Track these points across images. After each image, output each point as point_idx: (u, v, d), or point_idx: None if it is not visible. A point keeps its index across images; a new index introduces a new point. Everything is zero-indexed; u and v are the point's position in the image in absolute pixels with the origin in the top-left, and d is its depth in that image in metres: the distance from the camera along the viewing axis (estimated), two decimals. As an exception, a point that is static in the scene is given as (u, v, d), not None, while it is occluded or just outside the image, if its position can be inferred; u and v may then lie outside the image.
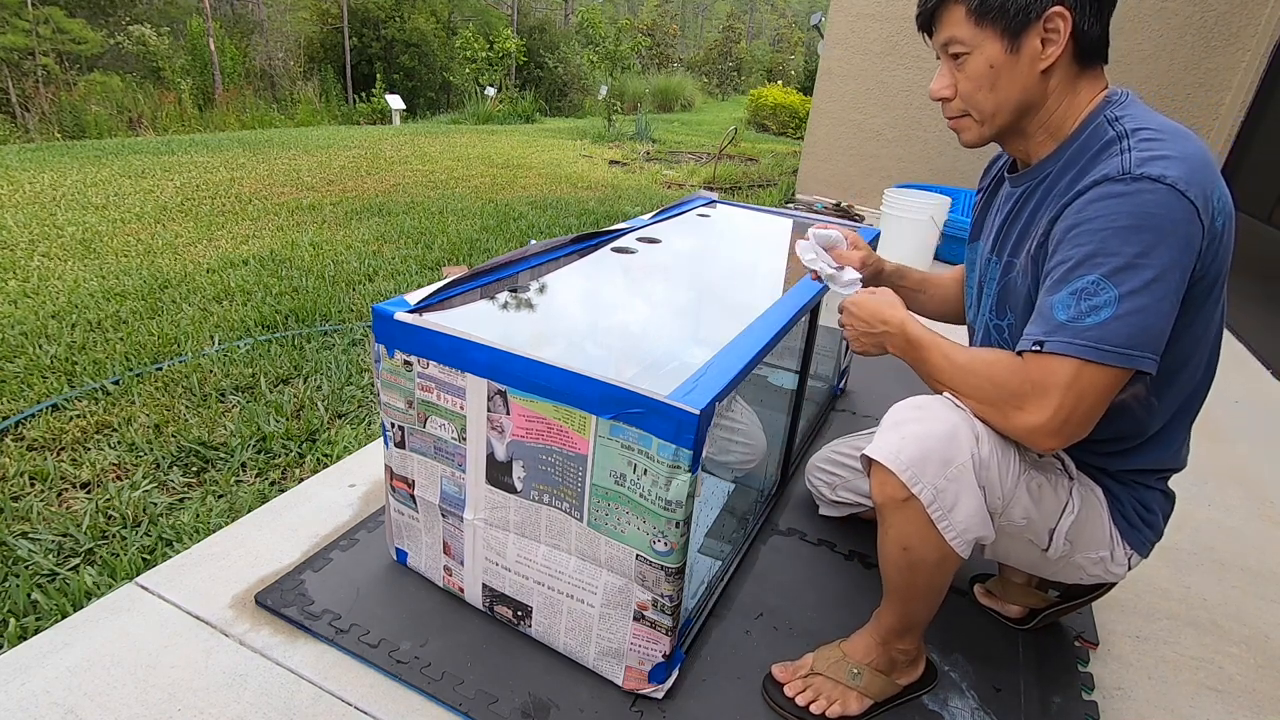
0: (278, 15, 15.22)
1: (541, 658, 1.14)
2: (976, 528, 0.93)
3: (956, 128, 1.01)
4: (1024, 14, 0.89)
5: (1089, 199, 0.85)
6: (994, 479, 0.94)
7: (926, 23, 0.98)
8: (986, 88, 0.94)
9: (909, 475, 0.91)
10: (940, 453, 0.91)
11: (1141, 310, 0.81)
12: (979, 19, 0.91)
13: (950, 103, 0.99)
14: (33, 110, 9.85)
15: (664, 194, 5.54)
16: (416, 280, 3.12)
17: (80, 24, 12.03)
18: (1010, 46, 0.91)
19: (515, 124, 10.74)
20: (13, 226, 3.49)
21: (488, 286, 1.28)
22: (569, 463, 0.99)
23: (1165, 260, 0.81)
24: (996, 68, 0.92)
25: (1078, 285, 0.84)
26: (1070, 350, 0.83)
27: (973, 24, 0.91)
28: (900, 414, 0.96)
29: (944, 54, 0.97)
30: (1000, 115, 0.96)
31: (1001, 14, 0.89)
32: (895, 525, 0.95)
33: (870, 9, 4.64)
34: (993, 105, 0.95)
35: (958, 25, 0.93)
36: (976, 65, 0.93)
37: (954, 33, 0.93)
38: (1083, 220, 0.85)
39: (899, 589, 1.02)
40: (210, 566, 1.29)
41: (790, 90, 13.23)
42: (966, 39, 0.92)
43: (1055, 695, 1.17)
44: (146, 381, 2.08)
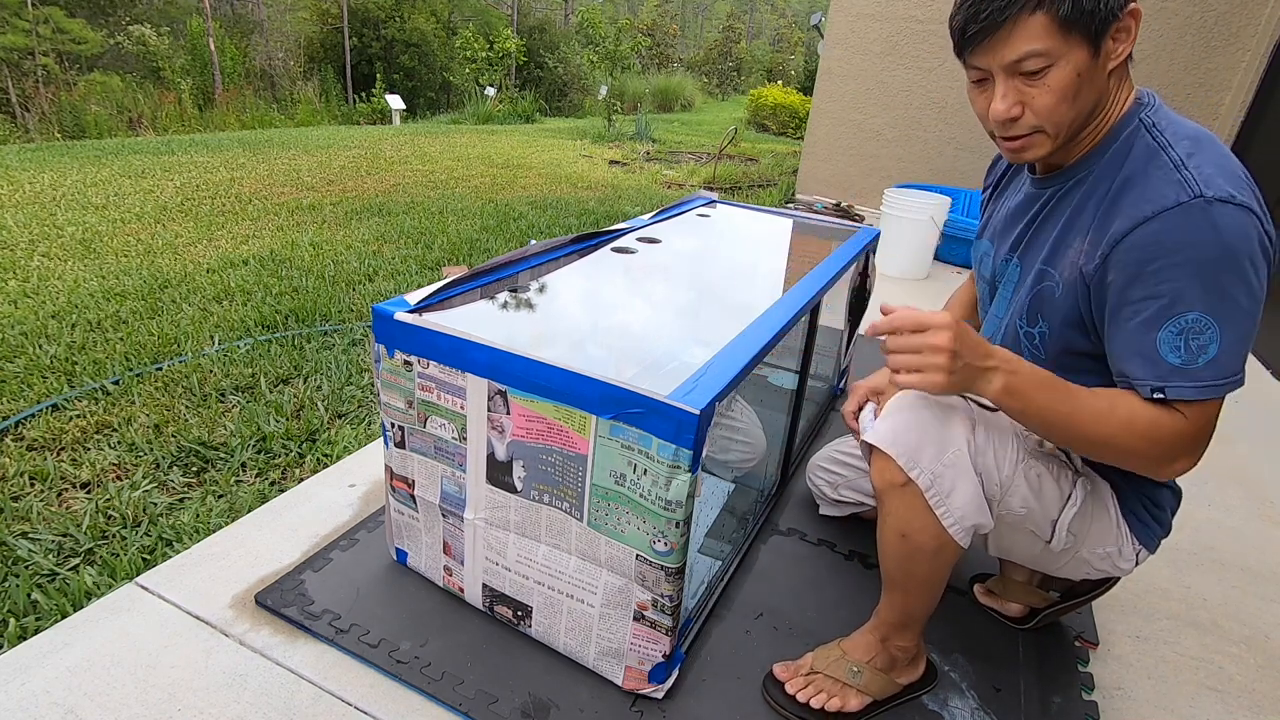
0: (278, 15, 15.22)
1: (541, 658, 1.14)
2: (974, 514, 0.94)
3: (1022, 146, 0.92)
4: (1111, 13, 0.83)
5: (1164, 226, 0.82)
6: (990, 465, 0.95)
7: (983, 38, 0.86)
8: (1072, 99, 0.87)
9: (906, 460, 0.91)
10: (936, 438, 0.92)
11: (1240, 338, 0.82)
12: (1067, 27, 0.82)
13: (1019, 120, 0.90)
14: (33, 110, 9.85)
15: (664, 194, 5.54)
16: (416, 280, 3.12)
17: (80, 24, 12.03)
18: (1095, 50, 0.85)
19: (515, 124, 10.74)
20: (13, 226, 3.49)
21: (488, 286, 1.28)
22: (569, 463, 0.99)
23: (1254, 280, 0.82)
24: (1084, 76, 0.85)
25: (1181, 324, 0.82)
26: (1197, 395, 0.83)
27: (1059, 33, 0.83)
28: (898, 402, 0.97)
29: (1005, 72, 0.87)
30: (1075, 125, 0.90)
31: (1092, 17, 0.82)
32: (894, 511, 0.96)
33: (870, 9, 4.64)
34: (1073, 116, 0.89)
35: (1039, 37, 0.83)
36: (1063, 77, 0.85)
37: (1033, 46, 0.84)
38: (1164, 252, 0.82)
39: (897, 581, 1.03)
40: (210, 566, 1.29)
41: (790, 90, 13.23)
42: (1051, 50, 0.83)
43: (1055, 695, 1.17)
44: (146, 381, 2.08)
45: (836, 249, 1.74)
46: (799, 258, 1.78)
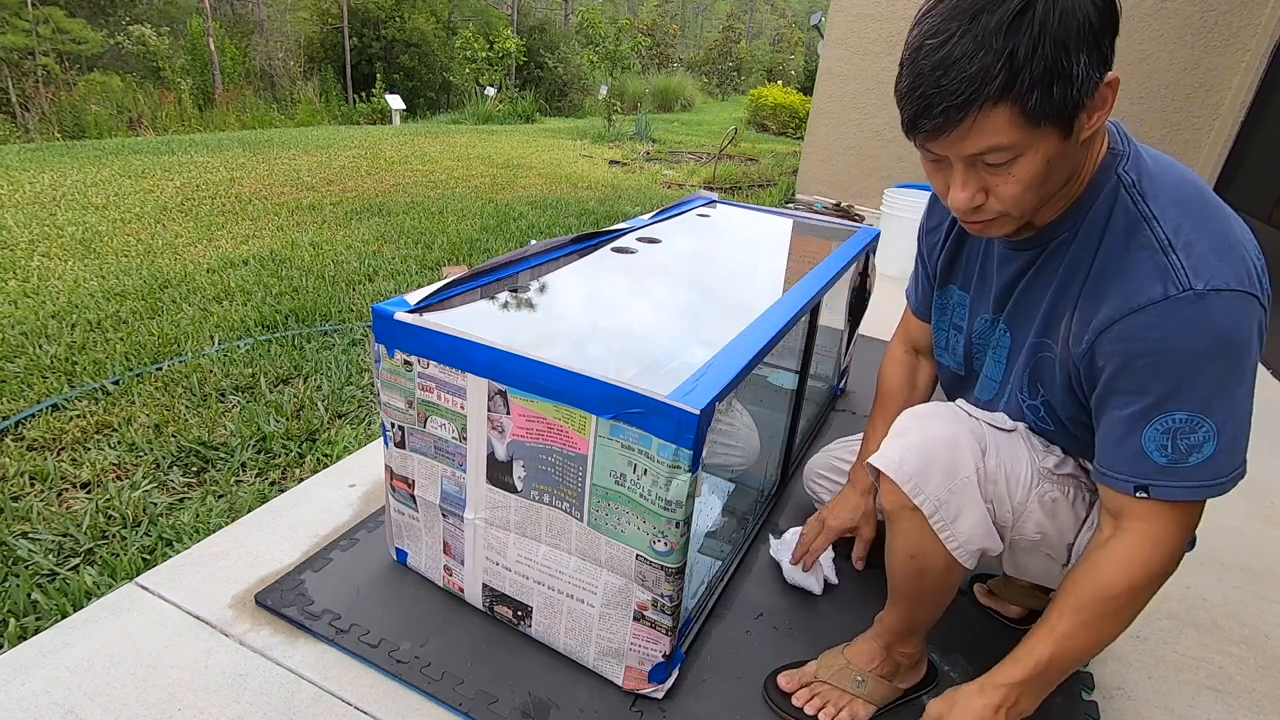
0: (278, 15, 15.22)
1: (541, 658, 1.14)
2: (980, 539, 0.92)
3: (984, 228, 0.85)
4: (1085, 93, 0.72)
5: (1150, 321, 0.76)
6: (1002, 493, 0.93)
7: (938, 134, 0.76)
8: (1038, 186, 0.78)
9: (911, 486, 0.90)
10: (943, 464, 0.90)
11: (1240, 432, 0.78)
12: (1035, 119, 0.72)
13: (982, 207, 0.82)
14: (33, 110, 9.85)
15: (664, 194, 5.54)
16: (416, 280, 3.12)
17: (80, 24, 12.03)
18: (1066, 135, 0.75)
19: (515, 124, 10.74)
20: (13, 226, 3.49)
21: (488, 286, 1.28)
22: (569, 462, 0.99)
23: (1249, 365, 0.76)
24: (1054, 161, 0.76)
25: (1168, 424, 0.78)
26: (1184, 496, 0.80)
27: (1026, 125, 0.72)
28: (904, 423, 0.95)
29: (964, 162, 0.78)
30: (1042, 204, 0.83)
31: (1064, 105, 0.72)
32: (902, 533, 0.94)
33: (870, 9, 4.64)
34: (1039, 199, 0.81)
35: (1002, 131, 0.73)
36: (1031, 167, 0.76)
37: (996, 140, 0.74)
38: (1149, 349, 0.77)
39: (905, 593, 1.01)
40: (210, 566, 1.29)
41: (790, 90, 13.24)
42: (1017, 143, 0.74)
43: (1055, 695, 1.17)
44: (146, 381, 2.08)
45: (836, 249, 1.74)
46: (799, 258, 1.78)
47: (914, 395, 1.26)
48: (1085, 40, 0.70)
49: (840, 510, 1.28)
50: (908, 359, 1.28)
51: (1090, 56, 0.71)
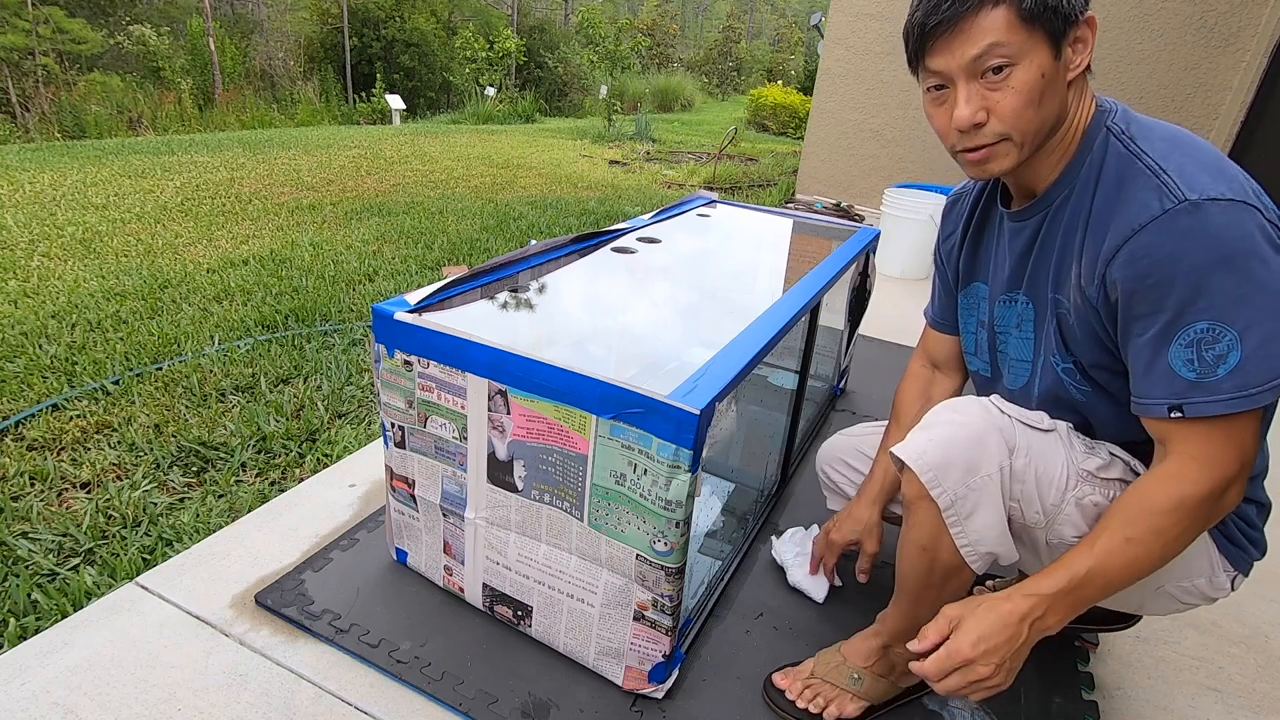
0: (278, 15, 15.22)
1: (541, 658, 1.14)
2: (991, 542, 0.91)
3: (986, 156, 0.87)
4: (1069, 16, 0.80)
5: (1152, 239, 0.78)
6: (1030, 494, 0.91)
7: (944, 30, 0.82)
8: (1036, 103, 0.82)
9: (930, 478, 0.89)
10: (965, 459, 0.88)
11: (1268, 338, 0.75)
12: (1030, 21, 0.79)
13: (983, 128, 0.85)
14: (33, 110, 9.84)
15: (664, 194, 5.54)
16: (416, 280, 3.12)
17: (80, 24, 12.03)
18: (1056, 53, 0.81)
19: (515, 124, 10.74)
20: (13, 226, 3.49)
21: (488, 286, 1.28)
22: (569, 462, 0.99)
23: (1264, 274, 0.75)
24: (1047, 77, 0.81)
25: (1191, 335, 0.77)
26: (1219, 409, 0.77)
27: (1022, 28, 0.79)
28: (935, 415, 0.93)
29: (966, 73, 0.83)
30: (1040, 135, 0.86)
31: (1054, 15, 0.79)
32: (919, 524, 0.93)
33: (870, 9, 4.64)
34: (1038, 123, 0.84)
35: (1001, 30, 0.79)
36: (1028, 77, 0.81)
37: (997, 39, 0.79)
38: (1156, 265, 0.77)
39: (911, 590, 1.00)
40: (210, 566, 1.29)
41: (790, 90, 13.24)
42: (1015, 45, 0.79)
43: (1055, 695, 1.17)
44: (146, 381, 2.08)
45: (836, 249, 1.74)
46: (799, 258, 1.78)
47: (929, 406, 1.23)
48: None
49: (844, 524, 1.27)
50: (924, 373, 1.26)
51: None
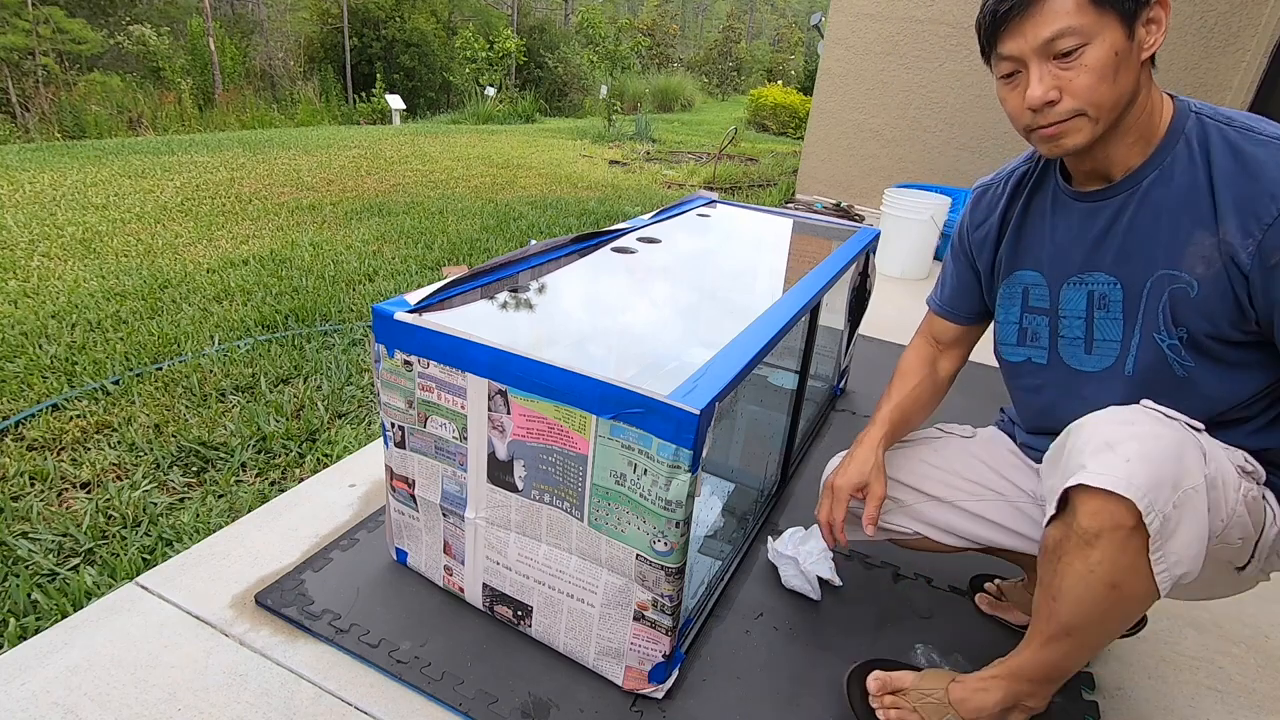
0: (278, 15, 15.22)
1: (541, 658, 1.14)
2: (1189, 560, 0.80)
3: (1059, 132, 0.87)
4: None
5: None
6: (1219, 499, 0.83)
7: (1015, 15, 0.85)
8: (1110, 79, 0.83)
9: (1146, 504, 0.76)
10: (1171, 475, 0.78)
11: None
12: (1100, 2, 0.81)
13: (1057, 105, 0.86)
14: (33, 110, 9.84)
15: (664, 194, 5.54)
16: (416, 280, 3.12)
17: (80, 24, 12.02)
18: (1129, 32, 0.83)
19: (515, 124, 10.74)
20: (13, 226, 3.49)
21: (488, 286, 1.28)
22: (569, 462, 0.99)
23: None
24: (1121, 55, 0.82)
25: None
26: None
27: (1092, 9, 0.81)
28: (1109, 432, 0.82)
29: (1038, 55, 0.85)
30: (1115, 110, 0.86)
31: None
32: (1109, 559, 0.80)
33: (870, 9, 4.64)
34: (1114, 99, 0.85)
35: (1071, 13, 0.82)
36: (1100, 55, 0.82)
37: (1068, 23, 0.82)
38: None
39: (1078, 633, 0.86)
40: (210, 566, 1.29)
41: (790, 90, 13.24)
42: (1086, 27, 0.81)
43: (1055, 695, 1.17)
44: (146, 381, 2.08)
45: (836, 249, 1.74)
46: (799, 258, 1.78)
47: (931, 374, 1.22)
48: None
49: (848, 468, 1.11)
50: (927, 349, 1.24)
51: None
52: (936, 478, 1.15)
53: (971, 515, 1.12)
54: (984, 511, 1.12)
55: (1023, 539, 1.11)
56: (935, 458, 1.17)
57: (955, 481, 1.14)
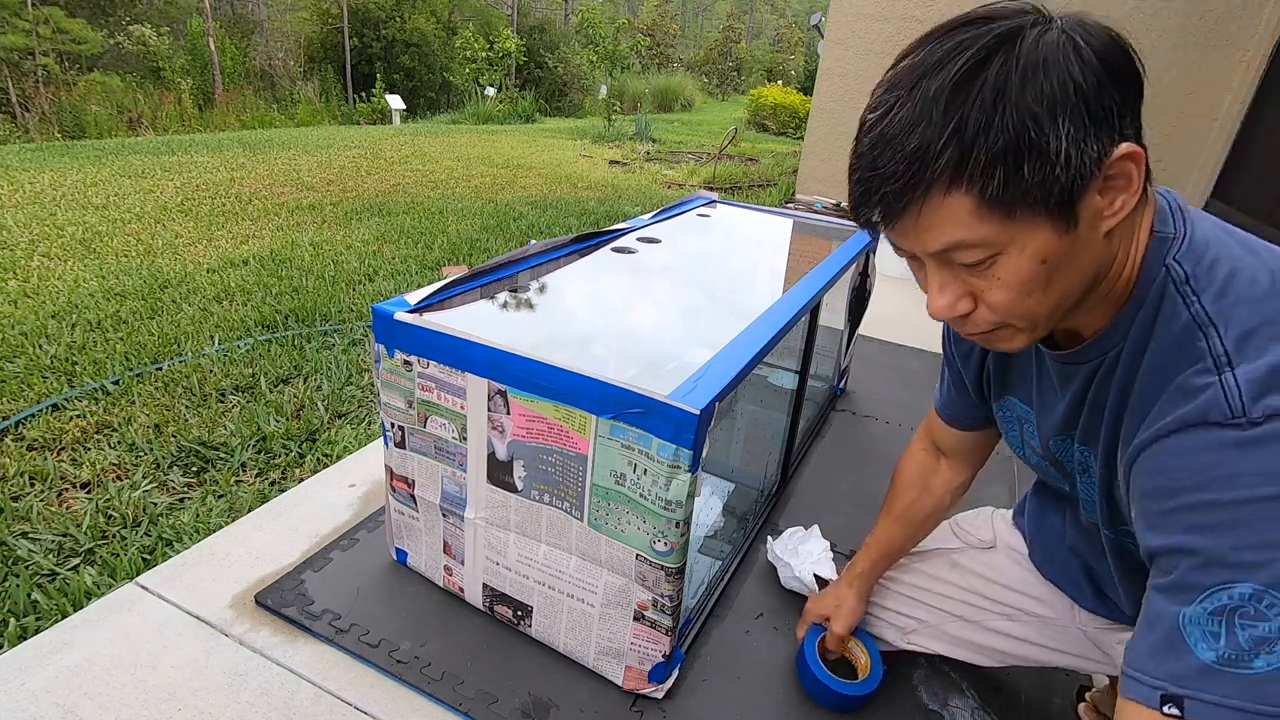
0: (278, 15, 15.23)
1: (541, 658, 1.14)
2: None
3: (989, 340, 0.68)
4: (1080, 174, 0.55)
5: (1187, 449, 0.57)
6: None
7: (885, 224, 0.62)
8: (1040, 290, 0.61)
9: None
10: None
11: None
12: (1006, 210, 0.56)
13: (972, 315, 0.65)
14: (33, 110, 9.85)
15: (664, 194, 5.54)
16: (416, 280, 3.12)
17: (80, 24, 12.03)
18: (1065, 225, 0.57)
19: (515, 124, 10.74)
20: (13, 226, 3.48)
21: (488, 286, 1.28)
22: (569, 462, 0.99)
23: None
24: (1054, 259, 0.59)
25: (1222, 601, 0.53)
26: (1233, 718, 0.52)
27: (995, 218, 0.57)
28: None
29: (935, 260, 0.63)
30: (1059, 311, 0.64)
31: (1044, 190, 0.55)
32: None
33: (870, 9, 4.64)
34: (1050, 306, 0.63)
35: (964, 225, 0.58)
36: (1018, 268, 0.59)
37: (958, 235, 0.58)
38: (1190, 486, 0.56)
39: None
40: (210, 566, 1.29)
41: (790, 90, 13.25)
42: (990, 239, 0.58)
43: (1055, 695, 1.17)
44: (146, 381, 2.08)
45: (836, 249, 1.74)
46: (799, 258, 1.78)
47: (926, 495, 1.08)
48: (1068, 104, 0.54)
49: (825, 597, 1.16)
50: (925, 459, 1.10)
51: (1078, 125, 0.54)
52: (958, 596, 1.07)
53: (1002, 635, 1.03)
54: (1014, 631, 1.02)
55: (1066, 656, 0.99)
56: (954, 574, 1.08)
57: (977, 600, 1.05)
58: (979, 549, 1.09)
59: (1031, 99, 0.54)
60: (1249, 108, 3.64)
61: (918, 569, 1.13)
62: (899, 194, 0.58)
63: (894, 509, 1.10)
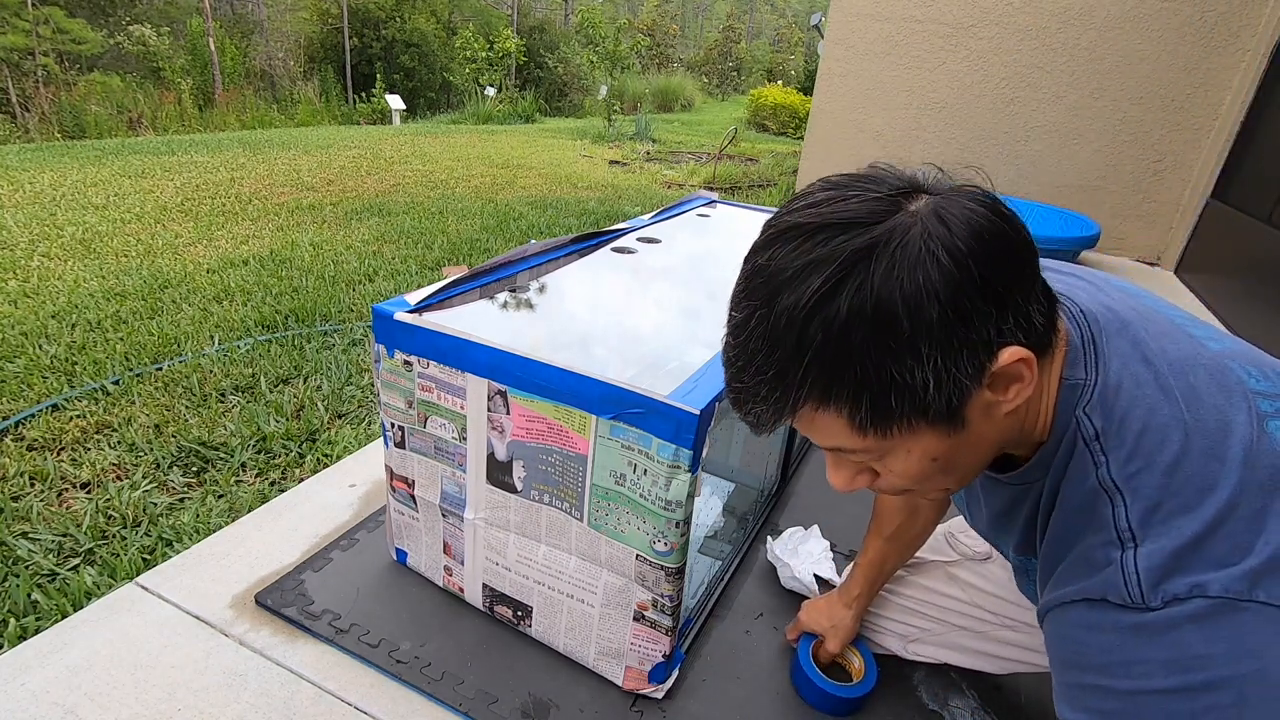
0: (278, 15, 15.23)
1: (541, 658, 1.14)
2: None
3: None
4: (953, 394, 0.53)
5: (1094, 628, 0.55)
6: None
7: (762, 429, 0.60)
8: (938, 475, 0.61)
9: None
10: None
11: None
12: (881, 430, 0.55)
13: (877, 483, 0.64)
14: (33, 110, 9.85)
15: (664, 194, 5.54)
16: (416, 280, 3.12)
17: (80, 24, 12.03)
18: (950, 430, 0.56)
19: (515, 124, 10.74)
20: (13, 226, 3.48)
21: (488, 286, 1.28)
22: (569, 463, 0.99)
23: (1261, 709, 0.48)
24: (945, 454, 0.58)
25: None
26: None
27: (872, 437, 0.56)
28: None
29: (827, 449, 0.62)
30: (971, 475, 0.65)
31: (916, 412, 0.54)
32: None
33: (870, 9, 4.64)
34: (956, 479, 0.64)
35: (843, 436, 0.57)
36: (907, 466, 0.59)
37: (840, 443, 0.58)
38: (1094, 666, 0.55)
39: None
40: (210, 566, 1.29)
41: (790, 90, 13.25)
42: (870, 448, 0.58)
43: (1055, 695, 1.17)
44: (146, 381, 2.08)
45: (836, 249, 1.74)
46: (799, 258, 1.77)
47: (913, 517, 1.07)
48: (930, 335, 0.50)
49: (819, 615, 1.15)
50: None
51: (945, 350, 0.51)
52: (958, 609, 1.08)
53: (1005, 644, 1.05)
54: (1016, 640, 1.04)
55: None
56: (952, 587, 1.09)
57: (977, 613, 1.06)
58: (975, 560, 1.09)
59: (890, 337, 0.50)
60: (1249, 108, 3.64)
61: (915, 581, 1.13)
62: (768, 414, 0.57)
63: (883, 531, 1.08)
